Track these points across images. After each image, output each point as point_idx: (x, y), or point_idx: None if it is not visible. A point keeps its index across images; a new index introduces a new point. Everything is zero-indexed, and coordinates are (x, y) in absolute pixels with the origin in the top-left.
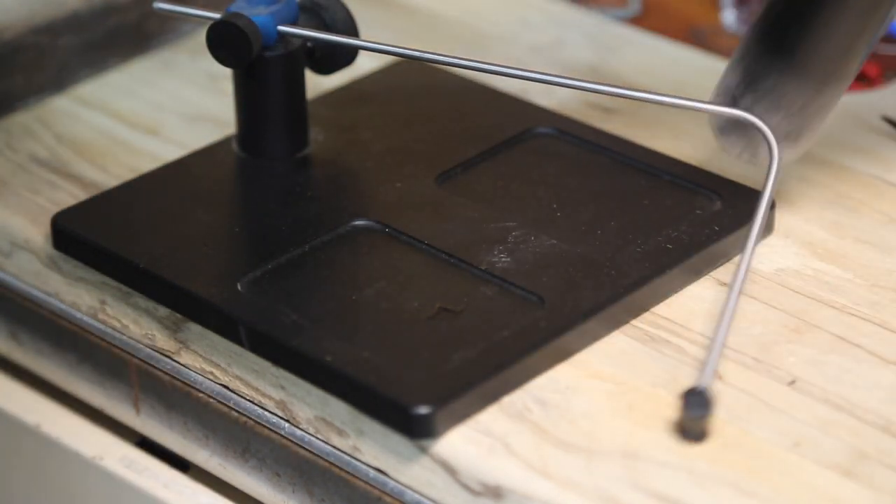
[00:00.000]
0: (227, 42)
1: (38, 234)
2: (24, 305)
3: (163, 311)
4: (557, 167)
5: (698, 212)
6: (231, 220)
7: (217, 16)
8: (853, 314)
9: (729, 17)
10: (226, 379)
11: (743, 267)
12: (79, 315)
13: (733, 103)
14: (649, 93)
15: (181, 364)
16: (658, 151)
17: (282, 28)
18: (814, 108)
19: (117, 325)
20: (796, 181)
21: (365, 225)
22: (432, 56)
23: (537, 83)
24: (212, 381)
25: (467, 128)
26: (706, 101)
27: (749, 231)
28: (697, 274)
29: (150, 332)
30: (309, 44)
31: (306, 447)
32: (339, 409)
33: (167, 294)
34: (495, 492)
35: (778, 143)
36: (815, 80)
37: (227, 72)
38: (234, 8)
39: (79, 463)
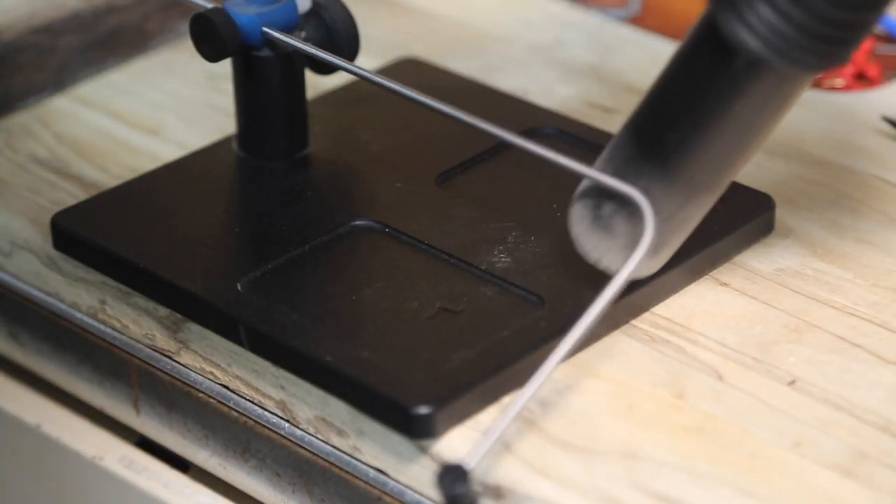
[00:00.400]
0: (204, 36)
1: (38, 234)
2: (24, 305)
3: (163, 311)
4: (558, 167)
5: None
6: (231, 220)
7: (209, 6)
8: (853, 314)
9: None
10: (226, 379)
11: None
12: (79, 315)
13: (597, 208)
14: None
15: (181, 364)
16: None
17: (266, 30)
18: (679, 219)
19: (117, 325)
20: (796, 181)
21: (365, 225)
22: (383, 82)
23: (538, 85)
24: (212, 381)
25: (467, 128)
26: (593, 168)
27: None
28: (697, 274)
29: (150, 332)
30: (308, 44)
31: (306, 447)
32: (339, 409)
33: (167, 294)
34: (495, 492)
35: (630, 252)
36: (685, 191)
37: (227, 72)
38: (229, 3)
39: (79, 463)
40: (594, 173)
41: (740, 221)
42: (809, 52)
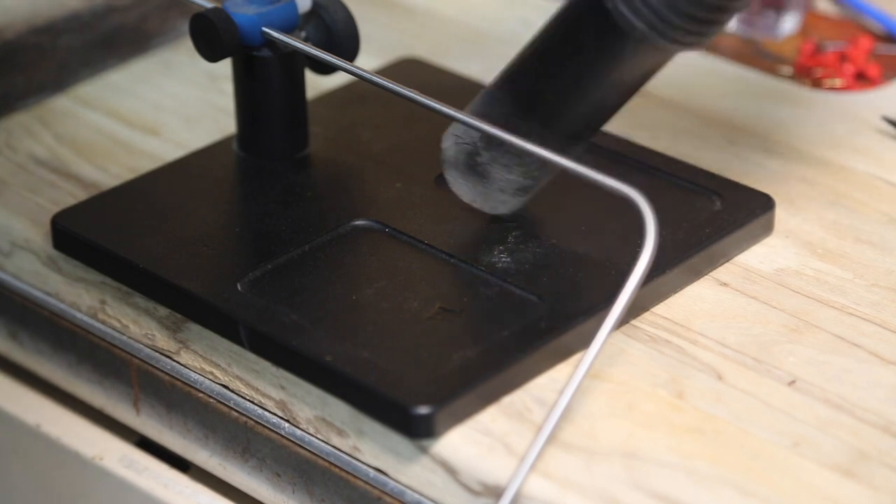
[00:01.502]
0: (204, 36)
1: (38, 234)
2: (24, 305)
3: (163, 311)
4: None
5: (698, 212)
6: (231, 220)
7: (209, 6)
8: (853, 314)
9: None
10: (226, 379)
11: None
12: (79, 315)
13: (472, 156)
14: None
15: (181, 364)
16: (658, 151)
17: (266, 30)
18: (552, 165)
19: (117, 325)
20: (796, 181)
21: (365, 225)
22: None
23: None
24: (212, 381)
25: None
26: (597, 172)
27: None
28: (697, 274)
29: (150, 332)
30: (308, 44)
31: (306, 447)
32: (339, 409)
33: (167, 294)
34: (495, 492)
35: (510, 195)
36: (557, 140)
37: (228, 72)
38: (229, 3)
39: (79, 463)
40: (594, 174)
41: (740, 221)
42: (689, 33)
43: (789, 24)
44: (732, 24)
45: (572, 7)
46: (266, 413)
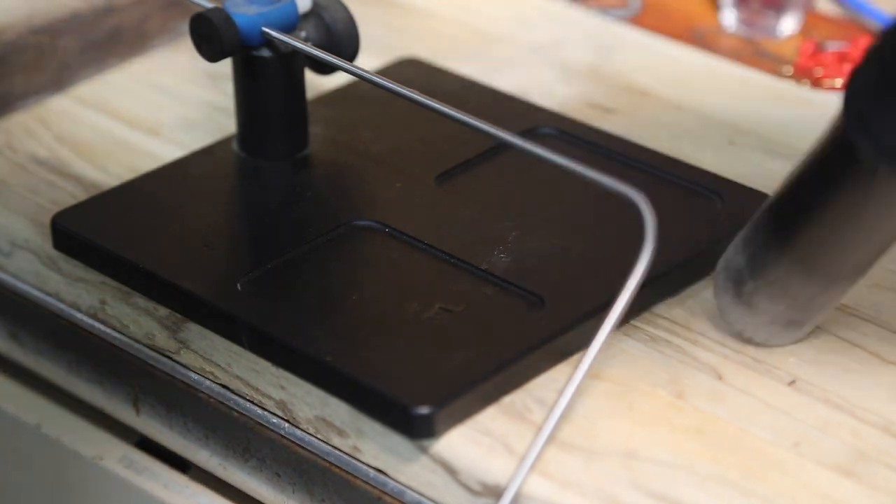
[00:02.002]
0: (203, 35)
1: (38, 234)
2: (24, 305)
3: (163, 311)
4: (557, 167)
5: (698, 212)
6: (231, 220)
7: (210, 6)
8: (853, 314)
9: (728, 17)
10: (226, 379)
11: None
12: (79, 315)
13: (738, 285)
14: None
15: (181, 364)
16: (658, 151)
17: (266, 30)
18: (820, 301)
19: (117, 325)
20: None
21: (365, 225)
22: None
23: (538, 85)
24: (212, 381)
25: (467, 128)
26: (594, 171)
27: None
28: (697, 274)
29: (150, 332)
30: (308, 44)
31: (306, 447)
32: (339, 409)
33: (167, 294)
34: (495, 492)
35: (781, 327)
36: (822, 279)
37: (228, 72)
38: (229, 3)
39: (79, 463)
40: (594, 174)
41: (740, 221)
42: None
43: (789, 24)
44: (733, 24)
45: (824, 141)
46: (266, 413)
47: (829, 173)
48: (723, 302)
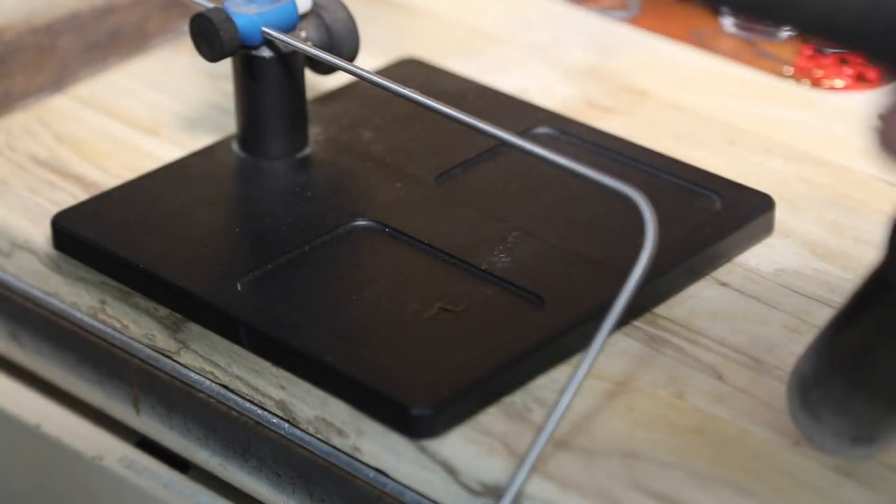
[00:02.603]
0: (203, 35)
1: (38, 234)
2: (24, 305)
3: (163, 311)
4: (557, 167)
5: (698, 212)
6: (231, 220)
7: (210, 6)
8: None
9: (728, 17)
10: (226, 379)
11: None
12: (79, 315)
13: (804, 392)
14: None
15: (181, 364)
16: (658, 151)
17: (266, 30)
18: (884, 423)
19: (117, 325)
20: (796, 181)
21: (365, 225)
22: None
23: (538, 85)
24: (212, 381)
25: (467, 128)
26: (595, 171)
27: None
28: (697, 274)
29: (150, 332)
30: (308, 44)
31: (306, 447)
32: (339, 409)
33: (167, 294)
34: (495, 492)
35: (847, 441)
36: (884, 403)
37: (228, 72)
38: (229, 3)
39: (79, 463)
40: (594, 174)
41: (740, 221)
42: None
43: None
44: (731, 25)
45: (867, 284)
46: (266, 413)
47: (872, 309)
48: (792, 406)
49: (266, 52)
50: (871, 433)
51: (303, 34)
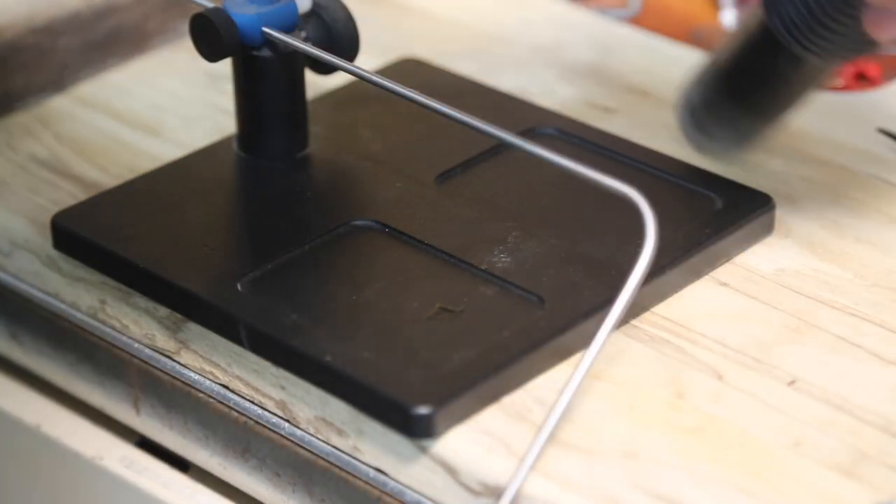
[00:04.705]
0: (203, 34)
1: (38, 234)
2: (24, 305)
3: (163, 311)
4: (557, 167)
5: (698, 212)
6: (231, 220)
7: (210, 6)
8: (853, 314)
9: (729, 17)
10: (226, 379)
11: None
12: (79, 315)
13: (694, 117)
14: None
15: (181, 364)
16: (658, 151)
17: (266, 30)
18: (763, 134)
19: (117, 325)
20: (796, 181)
21: (365, 225)
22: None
23: (538, 85)
24: (212, 381)
25: (467, 128)
26: (595, 172)
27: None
28: (697, 274)
29: (150, 332)
30: (308, 44)
31: (306, 447)
32: (339, 409)
33: (167, 294)
34: (495, 492)
35: (730, 149)
36: (762, 116)
37: (228, 72)
38: (229, 3)
39: (79, 463)
40: (593, 174)
41: (740, 221)
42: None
43: None
44: (732, 24)
45: (750, 24)
46: (266, 413)
47: (757, 52)
48: (684, 129)
49: (266, 52)
50: (750, 139)
51: (303, 34)
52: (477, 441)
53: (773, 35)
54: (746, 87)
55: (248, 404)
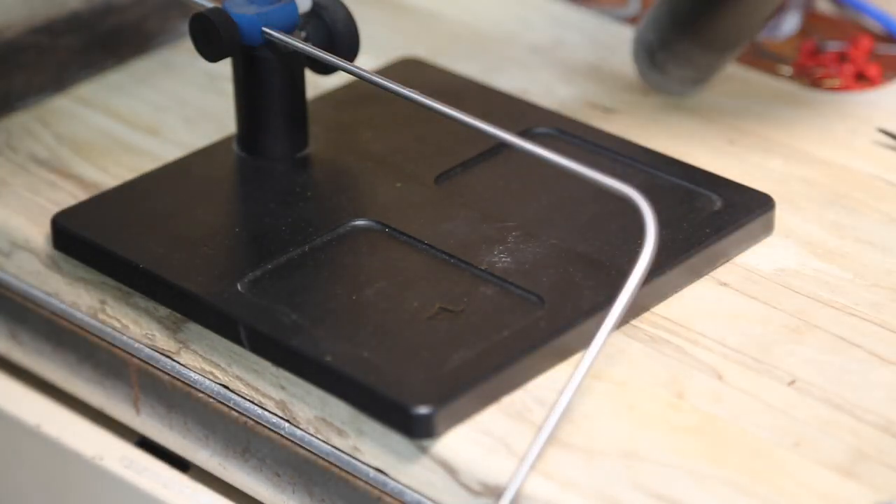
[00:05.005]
0: (204, 35)
1: (38, 234)
2: (24, 305)
3: (163, 311)
4: (557, 167)
5: (698, 212)
6: (231, 220)
7: (209, 6)
8: (853, 314)
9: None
10: (226, 379)
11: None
12: (79, 315)
13: (651, 56)
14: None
15: (181, 364)
16: (658, 151)
17: (266, 30)
18: (716, 66)
19: (117, 325)
20: (796, 181)
21: (365, 225)
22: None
23: (538, 85)
24: (212, 381)
25: (467, 128)
26: (597, 172)
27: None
28: (697, 274)
29: (150, 332)
30: (308, 44)
31: (306, 447)
32: (339, 409)
33: (167, 294)
34: (495, 492)
35: (689, 83)
36: (718, 51)
37: (227, 72)
38: (229, 3)
39: (79, 463)
40: (593, 174)
41: (740, 221)
42: None
43: (789, 24)
44: None
45: None
46: (266, 413)
47: None
48: (640, 68)
49: (266, 52)
50: (706, 75)
51: (303, 34)
52: (477, 441)
53: None
54: (700, 21)
55: (248, 404)
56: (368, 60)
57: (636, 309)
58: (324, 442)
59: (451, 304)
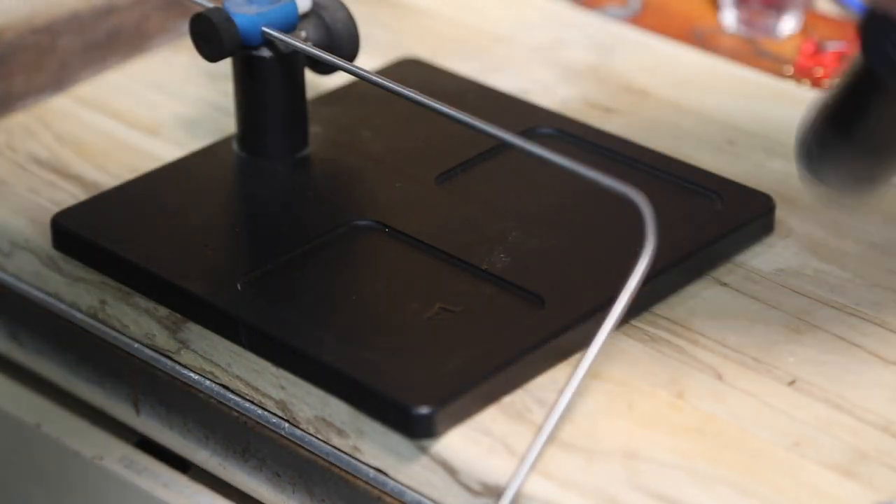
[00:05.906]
0: (204, 34)
1: (38, 234)
2: (24, 305)
3: (163, 311)
4: (557, 167)
5: (698, 212)
6: (231, 220)
7: (210, 6)
8: (853, 314)
9: (728, 17)
10: (226, 379)
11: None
12: (79, 315)
13: (808, 153)
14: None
15: (181, 364)
16: (658, 151)
17: (266, 30)
18: (877, 174)
19: (117, 325)
20: (796, 181)
21: (365, 225)
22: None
23: (538, 85)
24: (212, 381)
25: (467, 128)
26: (594, 171)
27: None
28: (697, 274)
29: (150, 332)
30: (308, 44)
31: (306, 447)
32: (339, 409)
33: (167, 294)
34: (495, 492)
35: (850, 185)
36: (876, 159)
37: (228, 72)
38: (229, 3)
39: (79, 463)
40: (593, 174)
41: (740, 221)
42: None
43: (789, 24)
44: (733, 24)
45: (853, 68)
46: (266, 413)
47: (861, 93)
48: (802, 171)
49: (266, 52)
50: (865, 180)
51: (303, 34)
52: (477, 441)
53: (875, 74)
54: (855, 128)
55: (248, 404)
56: (368, 60)
57: (636, 309)
58: (324, 442)
59: (451, 304)
